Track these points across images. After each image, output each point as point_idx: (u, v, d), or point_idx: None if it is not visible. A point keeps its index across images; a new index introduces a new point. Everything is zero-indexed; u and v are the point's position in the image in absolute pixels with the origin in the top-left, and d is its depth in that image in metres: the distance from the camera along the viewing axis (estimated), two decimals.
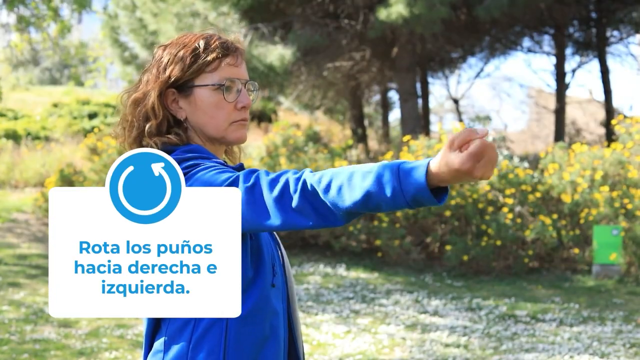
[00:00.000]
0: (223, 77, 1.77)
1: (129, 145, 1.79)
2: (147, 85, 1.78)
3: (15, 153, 14.74)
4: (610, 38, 15.69)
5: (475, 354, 5.88)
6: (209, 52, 1.76)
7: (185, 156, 1.69)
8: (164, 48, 1.81)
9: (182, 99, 1.78)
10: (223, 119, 1.78)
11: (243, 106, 1.79)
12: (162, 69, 1.77)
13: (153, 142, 1.74)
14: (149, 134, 1.76)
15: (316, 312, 7.20)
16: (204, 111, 1.77)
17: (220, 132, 1.79)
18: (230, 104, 1.78)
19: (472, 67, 20.76)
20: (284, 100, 18.37)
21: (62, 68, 35.31)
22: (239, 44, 1.83)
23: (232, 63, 1.79)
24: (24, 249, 9.84)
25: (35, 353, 5.68)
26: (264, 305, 1.69)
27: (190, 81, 1.77)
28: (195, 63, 1.75)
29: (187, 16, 11.72)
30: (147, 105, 1.76)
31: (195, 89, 1.77)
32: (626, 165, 9.25)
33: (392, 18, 10.72)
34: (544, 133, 23.77)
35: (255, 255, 1.69)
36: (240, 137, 1.81)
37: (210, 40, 1.78)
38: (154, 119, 1.76)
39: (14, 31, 15.00)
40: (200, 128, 1.79)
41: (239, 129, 1.81)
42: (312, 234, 9.91)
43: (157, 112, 1.76)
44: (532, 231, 8.95)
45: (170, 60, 1.77)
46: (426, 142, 10.03)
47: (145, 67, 1.85)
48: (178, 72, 1.76)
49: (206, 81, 1.76)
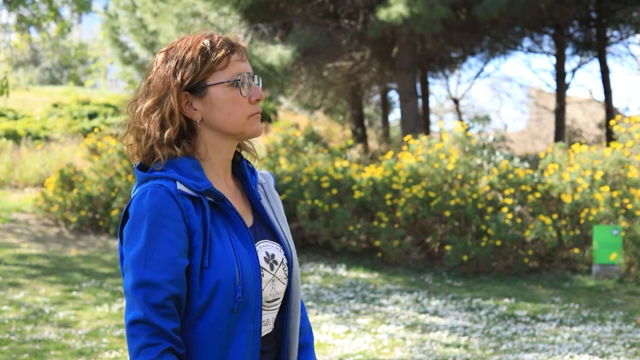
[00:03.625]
0: (234, 73, 1.77)
1: (143, 155, 1.78)
2: (157, 93, 1.76)
3: (15, 153, 14.74)
4: (610, 38, 15.70)
5: (475, 354, 5.88)
6: (216, 51, 1.76)
7: (152, 175, 1.73)
8: (166, 53, 1.80)
9: (196, 101, 1.77)
10: (240, 114, 1.78)
11: (257, 99, 1.80)
12: (171, 74, 1.76)
13: (162, 156, 1.75)
14: (168, 141, 1.75)
15: (316, 312, 7.20)
16: (221, 109, 1.77)
17: (239, 127, 1.79)
18: (245, 99, 1.78)
19: (472, 67, 20.83)
20: (284, 100, 18.38)
21: (62, 68, 35.30)
22: (240, 40, 1.83)
23: (239, 59, 1.79)
24: (24, 249, 9.85)
25: (35, 353, 5.68)
26: (220, 330, 1.69)
27: (203, 81, 1.76)
28: (206, 63, 1.75)
29: (187, 16, 11.73)
30: (163, 112, 1.75)
31: (210, 89, 1.76)
32: (626, 165, 9.25)
33: (391, 18, 10.72)
34: (544, 133, 23.79)
35: (208, 285, 1.68)
36: (257, 130, 1.82)
37: (214, 38, 1.78)
38: (172, 126, 1.75)
39: (14, 31, 15.00)
40: (219, 126, 1.78)
41: (255, 122, 1.81)
42: (312, 234, 9.92)
43: (175, 117, 1.75)
44: (532, 231, 8.95)
45: (179, 63, 1.76)
46: (426, 142, 10.04)
47: (146, 72, 1.82)
48: (191, 74, 1.75)
49: (219, 79, 1.76)
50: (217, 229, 1.73)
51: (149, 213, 1.68)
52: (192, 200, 1.72)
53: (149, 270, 1.65)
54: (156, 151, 1.76)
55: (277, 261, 1.83)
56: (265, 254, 1.81)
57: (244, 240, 1.75)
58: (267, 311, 1.81)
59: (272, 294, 1.81)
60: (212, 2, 11.76)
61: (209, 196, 1.74)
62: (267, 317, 1.82)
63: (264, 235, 1.85)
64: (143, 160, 1.79)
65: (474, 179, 9.45)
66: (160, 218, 1.68)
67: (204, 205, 1.72)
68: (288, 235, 1.88)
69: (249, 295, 1.72)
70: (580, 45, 15.88)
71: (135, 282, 1.65)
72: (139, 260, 1.66)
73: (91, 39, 30.99)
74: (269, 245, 1.83)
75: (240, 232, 1.76)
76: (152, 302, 1.64)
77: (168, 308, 1.65)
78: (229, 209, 1.76)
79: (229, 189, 1.85)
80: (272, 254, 1.82)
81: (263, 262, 1.79)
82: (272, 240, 1.85)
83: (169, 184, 1.71)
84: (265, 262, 1.79)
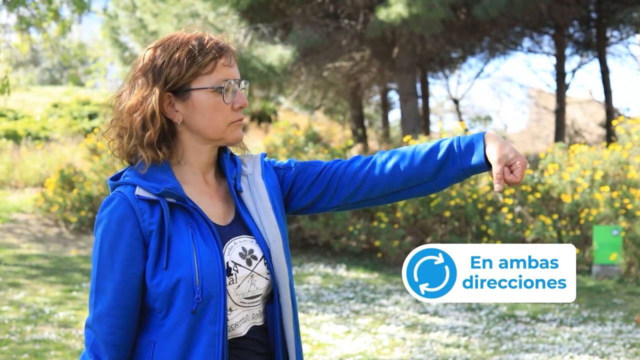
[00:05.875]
0: (220, 79, 1.76)
1: (126, 154, 1.79)
2: (142, 91, 1.75)
3: (15, 153, 14.74)
4: (610, 38, 15.69)
5: (475, 354, 5.88)
6: (204, 54, 1.74)
7: (116, 182, 1.77)
8: (154, 50, 1.78)
9: (178, 103, 1.76)
10: (222, 121, 1.77)
11: (240, 106, 1.78)
12: (156, 72, 1.75)
13: (147, 157, 1.75)
14: (148, 144, 1.75)
15: (316, 313, 7.19)
16: (203, 114, 1.76)
17: (219, 134, 1.78)
18: (227, 105, 1.77)
19: (472, 68, 20.79)
20: (283, 100, 18.39)
21: (62, 68, 35.29)
22: (229, 43, 1.81)
23: (227, 64, 1.77)
24: (24, 249, 9.84)
25: (35, 353, 5.68)
26: (180, 332, 1.70)
27: (187, 84, 1.75)
28: (192, 66, 1.73)
29: (186, 17, 11.72)
30: (145, 112, 1.74)
31: (193, 92, 1.75)
32: (626, 165, 9.25)
33: (391, 18, 10.72)
34: (544, 133, 23.79)
35: (167, 286, 1.69)
36: (238, 137, 1.81)
37: (203, 40, 1.76)
38: (152, 128, 1.74)
39: (14, 31, 14.99)
40: (198, 130, 1.77)
41: (237, 130, 1.80)
42: (312, 234, 9.92)
43: (156, 119, 1.74)
44: (532, 231, 8.95)
45: (165, 63, 1.74)
46: (426, 142, 10.02)
47: (133, 66, 1.81)
48: (175, 76, 1.73)
49: (204, 84, 1.75)
50: (179, 230, 1.72)
51: (105, 219, 1.72)
52: (150, 203, 1.72)
53: (97, 306, 1.73)
54: (140, 153, 1.76)
55: (257, 256, 1.79)
56: (241, 249, 1.77)
57: (207, 239, 1.72)
58: (247, 308, 1.78)
59: (251, 290, 1.77)
60: (211, 2, 11.75)
61: (168, 197, 1.72)
62: (246, 314, 1.78)
63: (243, 230, 1.81)
64: (128, 159, 1.80)
65: (474, 179, 9.45)
66: (112, 226, 1.71)
67: (163, 206, 1.71)
68: (269, 226, 1.82)
69: (210, 296, 1.69)
70: (580, 46, 15.87)
71: (90, 316, 1.75)
72: (91, 291, 1.75)
73: (91, 39, 30.98)
74: (247, 240, 1.80)
75: (204, 231, 1.73)
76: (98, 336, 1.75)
77: (113, 334, 1.72)
78: (191, 209, 1.73)
79: (208, 187, 1.83)
80: (251, 249, 1.79)
81: (238, 258, 1.76)
82: (251, 235, 1.81)
83: (127, 190, 1.73)
84: (241, 257, 1.76)
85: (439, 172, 1.82)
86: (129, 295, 1.71)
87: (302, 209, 1.93)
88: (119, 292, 1.70)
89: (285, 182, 1.92)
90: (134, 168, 1.77)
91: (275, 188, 1.89)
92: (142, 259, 1.71)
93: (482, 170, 1.81)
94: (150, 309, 1.73)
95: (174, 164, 1.79)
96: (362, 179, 1.86)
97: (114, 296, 1.70)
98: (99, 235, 1.72)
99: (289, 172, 1.92)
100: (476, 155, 1.79)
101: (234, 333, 1.77)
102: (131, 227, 1.70)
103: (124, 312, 1.71)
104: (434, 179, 1.84)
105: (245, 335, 1.78)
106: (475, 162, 1.80)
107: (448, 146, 1.81)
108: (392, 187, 1.86)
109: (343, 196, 1.88)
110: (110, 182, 1.79)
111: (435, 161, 1.82)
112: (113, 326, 1.71)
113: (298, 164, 1.93)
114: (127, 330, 1.72)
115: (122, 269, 1.70)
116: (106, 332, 1.71)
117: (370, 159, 1.88)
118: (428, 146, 1.84)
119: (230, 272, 1.74)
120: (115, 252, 1.70)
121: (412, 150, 1.85)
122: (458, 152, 1.80)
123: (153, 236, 1.70)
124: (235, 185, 1.84)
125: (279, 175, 1.92)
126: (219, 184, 1.86)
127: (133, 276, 1.70)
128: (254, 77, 11.29)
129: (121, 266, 1.70)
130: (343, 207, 1.92)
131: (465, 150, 1.80)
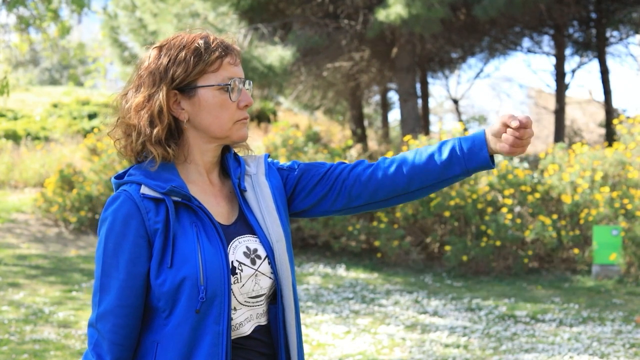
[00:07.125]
0: (226, 77, 1.77)
1: (134, 152, 1.79)
2: (149, 89, 1.76)
3: (15, 153, 14.74)
4: (610, 38, 15.69)
5: (475, 354, 5.88)
6: (210, 52, 1.75)
7: (121, 181, 1.78)
8: (159, 49, 1.79)
9: (184, 100, 1.77)
10: (227, 119, 1.78)
11: (245, 105, 1.80)
12: (162, 71, 1.75)
13: (157, 154, 1.75)
14: (157, 141, 1.75)
15: (316, 313, 7.19)
16: (209, 111, 1.77)
17: (225, 132, 1.79)
18: (233, 104, 1.78)
19: (471, 68, 20.82)
20: (283, 100, 18.37)
21: (61, 68, 35.29)
22: (234, 43, 1.82)
23: (232, 62, 1.78)
24: (24, 249, 9.84)
25: (35, 353, 5.67)
26: (184, 331, 1.70)
27: (193, 82, 1.76)
28: (198, 64, 1.74)
29: (186, 16, 11.72)
30: (152, 109, 1.75)
31: (199, 90, 1.76)
32: (626, 165, 9.25)
33: (390, 18, 10.71)
34: (543, 133, 23.77)
35: (171, 284, 1.69)
36: (243, 136, 1.83)
37: (209, 39, 1.77)
38: (160, 124, 1.75)
39: (13, 31, 14.99)
40: (204, 128, 1.78)
41: (242, 128, 1.82)
42: (312, 234, 9.92)
43: (164, 115, 1.75)
44: (532, 231, 8.95)
45: (171, 61, 1.75)
46: (426, 142, 10.03)
47: (138, 65, 1.81)
48: (182, 73, 1.74)
49: (210, 81, 1.76)
50: (184, 228, 1.72)
51: (109, 218, 1.72)
52: (156, 201, 1.72)
53: (101, 304, 1.72)
54: (149, 149, 1.76)
55: (261, 255, 1.79)
56: (246, 248, 1.78)
57: (212, 238, 1.73)
58: (251, 307, 1.78)
59: (255, 289, 1.77)
60: (211, 2, 11.75)
61: (174, 196, 1.73)
62: (250, 314, 1.78)
63: (247, 230, 1.82)
64: (135, 157, 1.79)
65: (473, 179, 9.45)
66: (117, 225, 1.71)
67: (168, 205, 1.71)
68: (272, 226, 1.82)
69: (215, 296, 1.69)
70: (580, 46, 15.87)
71: (93, 315, 1.75)
72: (95, 290, 1.74)
73: (91, 39, 30.96)
74: (250, 239, 1.80)
75: (209, 230, 1.73)
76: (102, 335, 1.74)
77: (116, 334, 1.72)
78: (196, 208, 1.74)
79: (213, 187, 1.83)
80: (255, 248, 1.79)
81: (242, 257, 1.76)
82: (255, 235, 1.82)
83: (132, 188, 1.73)
84: (245, 257, 1.77)
85: (442, 174, 1.82)
86: (133, 294, 1.71)
87: (305, 210, 1.92)
88: (124, 291, 1.70)
89: (289, 183, 1.92)
90: (140, 166, 1.77)
91: (278, 189, 1.90)
92: (146, 258, 1.71)
93: (488, 167, 1.80)
94: (154, 308, 1.73)
95: (178, 163, 1.80)
96: (365, 181, 1.86)
97: (118, 295, 1.70)
98: (103, 233, 1.72)
99: (293, 174, 1.92)
100: (480, 155, 1.79)
101: (238, 332, 1.77)
102: (136, 225, 1.70)
103: (128, 311, 1.71)
104: (438, 180, 1.84)
105: (250, 335, 1.78)
106: (479, 162, 1.80)
107: (451, 148, 1.82)
108: (396, 189, 1.86)
109: (346, 198, 1.88)
110: (115, 181, 1.79)
111: (439, 163, 1.82)
112: (117, 325, 1.70)
113: (302, 165, 1.93)
114: (130, 330, 1.72)
115: (127, 267, 1.70)
116: (110, 331, 1.70)
117: (374, 163, 1.89)
118: (431, 148, 1.84)
119: (234, 271, 1.74)
120: (120, 251, 1.70)
121: (415, 153, 1.86)
122: (461, 154, 1.80)
123: (158, 235, 1.70)
124: (239, 184, 1.85)
125: (282, 176, 1.93)
126: (223, 183, 1.87)
127: (137, 275, 1.70)
128: (254, 77, 11.29)
129: (126, 265, 1.70)
130: (345, 211, 1.91)
131: (468, 150, 1.80)
